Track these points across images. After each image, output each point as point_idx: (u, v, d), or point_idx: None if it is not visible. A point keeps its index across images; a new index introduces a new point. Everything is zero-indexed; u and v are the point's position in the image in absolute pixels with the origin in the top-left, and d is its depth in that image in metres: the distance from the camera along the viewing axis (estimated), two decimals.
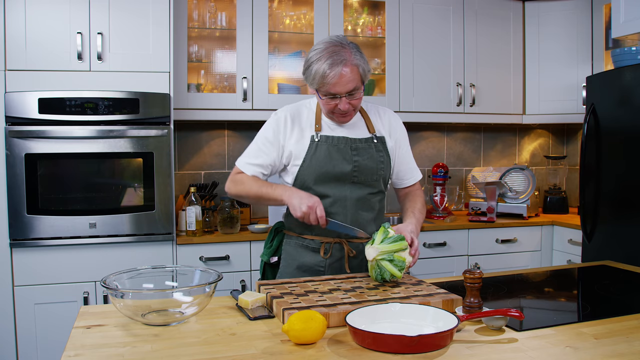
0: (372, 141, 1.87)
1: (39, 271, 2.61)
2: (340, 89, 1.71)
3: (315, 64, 1.70)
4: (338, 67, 1.67)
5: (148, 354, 1.18)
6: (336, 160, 1.80)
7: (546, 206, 3.75)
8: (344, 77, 1.69)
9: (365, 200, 1.86)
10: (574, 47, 3.53)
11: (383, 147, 1.89)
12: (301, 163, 1.81)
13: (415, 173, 2.02)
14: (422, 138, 3.85)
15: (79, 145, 2.65)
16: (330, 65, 1.68)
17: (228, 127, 3.44)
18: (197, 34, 3.19)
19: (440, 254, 3.24)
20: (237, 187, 1.85)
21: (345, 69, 1.68)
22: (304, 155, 1.81)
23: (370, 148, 1.85)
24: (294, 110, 1.88)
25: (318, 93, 1.76)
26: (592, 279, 1.98)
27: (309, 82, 1.76)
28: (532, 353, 1.18)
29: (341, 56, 1.69)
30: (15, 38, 2.57)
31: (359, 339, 1.21)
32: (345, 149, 1.82)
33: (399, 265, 1.59)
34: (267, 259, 1.96)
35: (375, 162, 1.85)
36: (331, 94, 1.73)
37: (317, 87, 1.74)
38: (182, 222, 2.89)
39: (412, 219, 1.86)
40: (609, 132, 2.88)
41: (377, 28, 3.44)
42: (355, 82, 1.72)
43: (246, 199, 1.87)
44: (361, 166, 1.82)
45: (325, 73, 1.68)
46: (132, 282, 1.49)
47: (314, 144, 1.81)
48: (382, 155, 1.87)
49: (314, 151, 1.81)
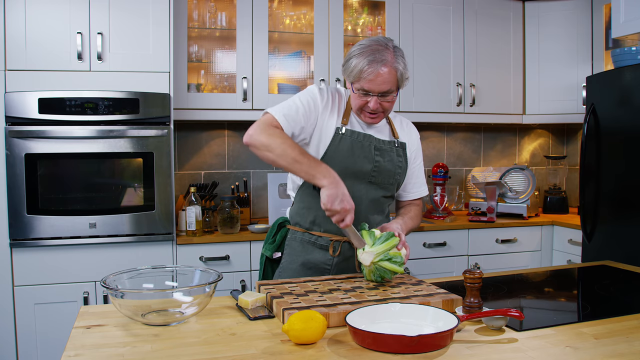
0: (394, 145, 1.88)
1: (39, 271, 2.61)
2: (374, 87, 1.71)
3: (356, 58, 1.71)
4: (376, 65, 1.68)
5: (148, 354, 1.18)
6: (358, 156, 1.79)
7: (546, 206, 3.75)
8: (380, 77, 1.69)
9: (379, 202, 1.87)
10: (574, 47, 3.53)
11: (403, 153, 1.90)
12: (323, 154, 1.79)
13: (422, 189, 2.02)
14: (422, 138, 3.80)
15: (79, 145, 2.65)
16: (370, 62, 1.68)
17: (228, 127, 3.44)
18: (197, 34, 3.19)
19: (440, 254, 3.24)
20: (270, 139, 1.66)
21: (384, 68, 1.69)
22: (327, 145, 1.79)
23: (392, 151, 1.86)
24: (334, 92, 1.86)
25: (352, 87, 1.77)
26: (592, 279, 1.98)
27: (346, 75, 1.76)
28: (532, 353, 1.18)
29: (383, 55, 1.69)
30: (15, 38, 2.57)
31: (359, 339, 1.21)
32: (368, 147, 1.81)
33: (397, 261, 1.59)
34: (269, 254, 1.92)
35: (395, 165, 1.86)
36: (364, 90, 1.73)
37: (352, 80, 1.74)
38: (182, 222, 2.89)
39: (399, 218, 1.88)
40: (609, 132, 2.88)
41: (377, 28, 3.44)
42: (390, 84, 1.72)
43: (272, 154, 1.66)
44: (381, 167, 1.82)
45: (363, 68, 1.69)
46: (132, 282, 1.49)
47: (338, 137, 1.79)
48: (401, 160, 1.89)
49: (337, 144, 1.79)
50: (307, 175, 1.66)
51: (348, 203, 1.63)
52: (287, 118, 1.74)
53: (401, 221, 1.85)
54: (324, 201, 1.62)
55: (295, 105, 1.77)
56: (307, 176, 1.66)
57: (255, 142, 1.68)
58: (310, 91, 1.82)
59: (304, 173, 1.66)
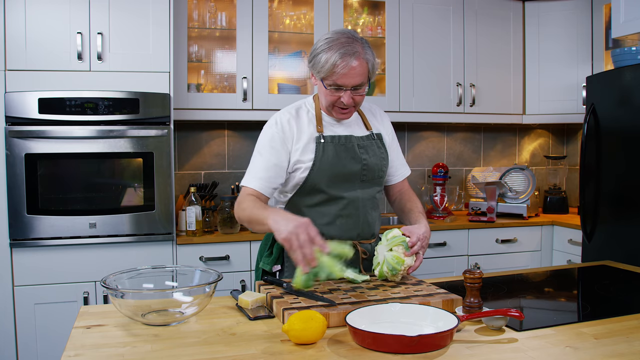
0: (372, 138, 1.86)
1: (39, 271, 2.61)
2: (347, 81, 1.67)
3: (326, 52, 1.66)
4: (349, 59, 1.64)
5: (148, 354, 1.18)
6: (345, 160, 1.77)
7: (546, 206, 3.75)
8: (353, 70, 1.66)
9: (373, 200, 1.86)
10: (574, 47, 3.53)
11: (382, 144, 1.88)
12: (311, 166, 1.74)
13: (405, 169, 2.01)
14: (422, 138, 3.85)
15: (79, 145, 2.65)
16: (342, 55, 1.64)
17: (228, 127, 3.44)
18: (197, 34, 3.19)
19: (440, 254, 3.24)
20: (241, 215, 1.68)
21: (356, 62, 1.65)
22: (313, 158, 1.75)
23: (373, 145, 1.84)
24: (293, 112, 1.81)
25: (323, 83, 1.71)
26: (592, 279, 1.98)
27: (315, 71, 1.71)
28: (532, 353, 1.18)
29: (353, 48, 1.65)
30: (15, 38, 2.57)
31: (359, 339, 1.21)
32: (352, 148, 1.79)
33: (400, 252, 1.61)
34: (269, 269, 1.86)
35: (379, 158, 1.84)
36: (337, 85, 1.68)
37: (324, 76, 1.68)
38: (182, 222, 2.89)
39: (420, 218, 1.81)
40: (609, 132, 2.88)
41: (377, 28, 3.44)
42: (362, 76, 1.69)
43: (247, 225, 1.68)
44: (369, 164, 1.81)
45: (335, 63, 1.64)
46: (132, 282, 1.49)
47: (321, 146, 1.76)
48: (382, 152, 1.87)
49: (322, 153, 1.75)
50: (263, 228, 1.58)
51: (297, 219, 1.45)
52: (257, 178, 1.72)
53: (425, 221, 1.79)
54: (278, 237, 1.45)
55: (264, 158, 1.74)
56: (263, 228, 1.58)
57: (239, 221, 1.72)
58: (269, 131, 1.77)
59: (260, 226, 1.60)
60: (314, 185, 1.76)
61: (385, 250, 1.62)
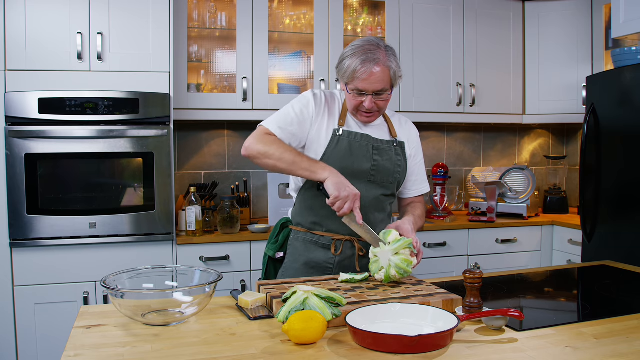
0: (393, 144, 1.89)
1: (39, 271, 2.61)
2: (368, 86, 1.73)
3: (349, 59, 1.74)
4: (370, 65, 1.71)
5: (148, 354, 1.18)
6: (356, 156, 1.81)
7: (546, 206, 3.75)
8: (373, 76, 1.72)
9: (379, 201, 1.88)
10: (574, 47, 3.53)
11: (402, 152, 1.91)
12: (322, 156, 1.80)
13: (423, 186, 2.03)
14: (422, 138, 3.80)
15: (79, 145, 2.65)
16: (363, 62, 1.71)
17: (228, 127, 3.44)
18: (197, 34, 3.19)
19: (440, 254, 3.24)
20: (267, 147, 1.72)
21: (377, 68, 1.71)
22: (325, 147, 1.81)
23: (391, 150, 1.88)
24: (329, 96, 1.88)
25: (347, 88, 1.79)
26: (592, 279, 1.98)
27: (339, 76, 1.79)
28: (532, 353, 1.18)
29: (375, 55, 1.72)
30: (15, 38, 2.57)
31: (359, 339, 1.21)
32: (366, 147, 1.83)
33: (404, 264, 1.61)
34: (272, 254, 1.93)
35: (394, 164, 1.87)
36: (359, 90, 1.75)
37: (346, 81, 1.77)
38: (182, 222, 2.89)
39: (409, 216, 1.88)
40: (609, 132, 2.88)
41: (377, 28, 3.44)
42: (384, 83, 1.74)
43: (274, 160, 1.71)
44: (380, 166, 1.84)
45: (356, 68, 1.71)
46: (132, 282, 1.49)
47: (336, 138, 1.81)
48: (400, 159, 1.90)
49: (335, 145, 1.81)
50: (307, 173, 1.70)
51: (353, 189, 1.66)
52: (281, 128, 1.79)
53: (412, 219, 1.85)
54: (331, 190, 1.64)
55: (289, 115, 1.81)
56: (307, 173, 1.70)
57: (253, 151, 1.74)
58: (304, 97, 1.85)
59: (303, 171, 1.71)
60: None
61: (390, 254, 1.62)
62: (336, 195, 1.63)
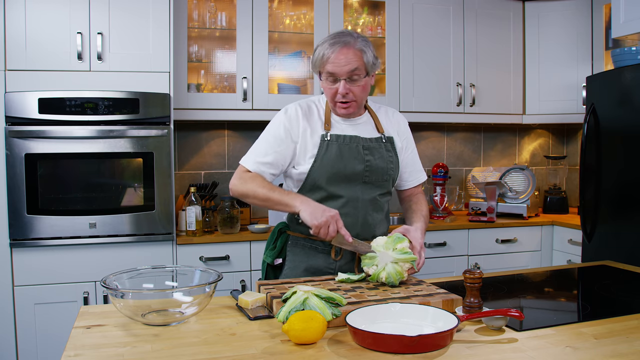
0: (382, 141, 1.87)
1: (39, 271, 2.61)
2: (338, 69, 1.72)
3: (320, 47, 1.76)
4: (337, 46, 1.72)
5: (148, 354, 1.18)
6: (347, 159, 1.79)
7: (546, 206, 3.75)
8: (342, 55, 1.71)
9: (376, 201, 1.86)
10: (574, 47, 3.53)
11: (392, 148, 1.89)
12: (312, 163, 1.78)
13: (420, 175, 2.02)
14: (422, 138, 3.85)
15: (79, 145, 2.65)
16: (331, 45, 1.73)
17: (228, 127, 3.44)
18: (197, 34, 3.19)
19: (440, 254, 3.24)
20: (246, 186, 1.76)
21: (345, 49, 1.72)
22: (315, 154, 1.78)
23: (381, 148, 1.85)
24: (305, 106, 1.86)
25: (321, 77, 1.78)
26: (592, 279, 1.98)
27: (314, 69, 1.80)
28: (532, 353, 1.18)
29: (343, 38, 1.73)
30: (15, 38, 2.57)
31: (359, 339, 1.21)
32: (357, 148, 1.80)
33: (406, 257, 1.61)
34: (270, 261, 1.89)
35: (386, 162, 1.85)
36: (329, 73, 1.74)
37: (319, 69, 1.77)
38: (182, 222, 2.89)
39: (418, 222, 1.86)
40: (609, 132, 2.88)
41: (377, 28, 3.44)
42: (354, 64, 1.72)
43: (252, 199, 1.77)
44: (373, 166, 1.82)
45: (325, 52, 1.73)
46: (132, 282, 1.49)
47: (325, 143, 1.79)
48: (391, 155, 1.87)
49: (325, 150, 1.78)
50: (281, 207, 1.73)
51: (329, 211, 1.63)
52: (257, 162, 1.80)
53: (423, 226, 1.84)
54: (308, 221, 1.63)
55: (267, 144, 1.81)
56: (281, 207, 1.73)
57: (235, 193, 1.80)
58: (276, 117, 1.85)
59: (278, 206, 1.73)
60: (314, 181, 1.79)
61: (389, 260, 1.61)
62: (316, 225, 1.61)
